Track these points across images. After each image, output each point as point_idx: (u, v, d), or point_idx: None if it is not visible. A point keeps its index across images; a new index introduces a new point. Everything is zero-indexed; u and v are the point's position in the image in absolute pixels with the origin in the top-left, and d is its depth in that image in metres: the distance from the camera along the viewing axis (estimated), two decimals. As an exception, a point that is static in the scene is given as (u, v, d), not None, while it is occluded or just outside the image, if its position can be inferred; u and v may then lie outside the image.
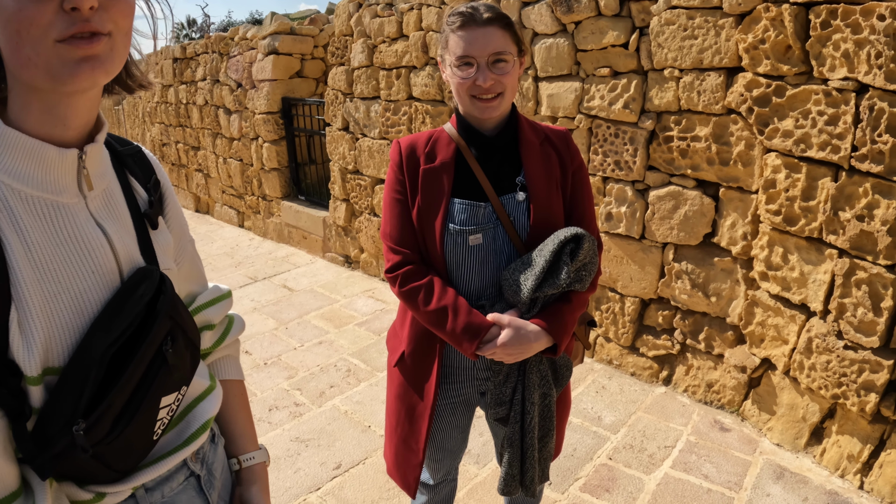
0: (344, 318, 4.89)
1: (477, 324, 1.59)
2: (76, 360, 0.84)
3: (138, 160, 1.08)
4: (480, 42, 1.53)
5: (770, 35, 2.74)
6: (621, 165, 3.53)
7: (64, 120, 0.86)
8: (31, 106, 0.84)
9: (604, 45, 3.42)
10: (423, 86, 4.69)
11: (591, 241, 1.59)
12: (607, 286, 3.85)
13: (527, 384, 1.68)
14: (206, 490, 1.12)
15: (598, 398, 3.55)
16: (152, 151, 9.82)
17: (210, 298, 1.22)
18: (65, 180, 0.88)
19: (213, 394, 1.12)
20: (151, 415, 0.92)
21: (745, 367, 3.23)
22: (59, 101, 0.84)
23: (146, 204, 1.04)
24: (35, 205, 0.85)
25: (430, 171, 1.66)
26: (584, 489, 2.80)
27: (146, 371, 0.89)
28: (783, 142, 2.80)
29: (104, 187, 0.96)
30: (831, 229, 2.68)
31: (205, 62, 7.95)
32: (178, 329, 0.95)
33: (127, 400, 0.87)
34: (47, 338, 0.82)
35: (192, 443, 1.05)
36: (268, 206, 7.39)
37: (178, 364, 0.95)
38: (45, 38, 0.77)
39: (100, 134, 0.94)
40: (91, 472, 0.90)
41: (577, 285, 1.60)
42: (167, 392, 0.94)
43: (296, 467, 3.02)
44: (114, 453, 0.88)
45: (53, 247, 0.86)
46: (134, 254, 0.97)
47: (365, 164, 5.50)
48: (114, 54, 0.83)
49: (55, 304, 0.84)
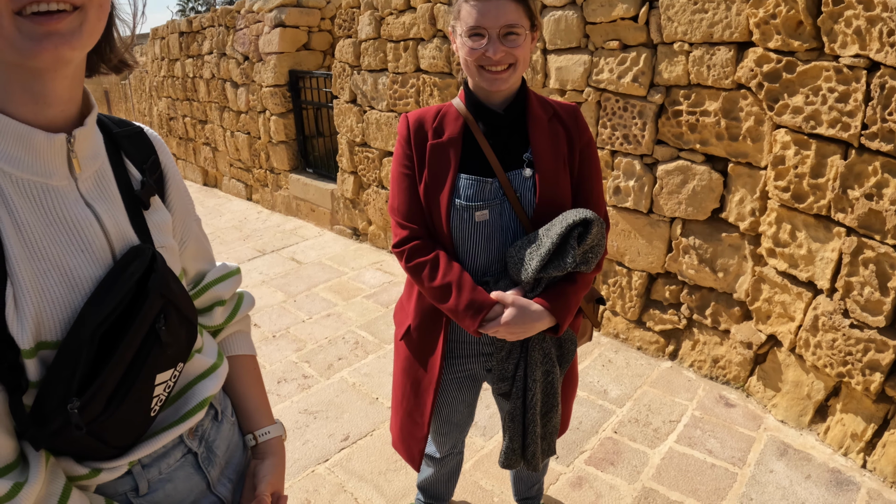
0: (352, 290, 4.92)
1: (480, 301, 1.60)
2: (69, 339, 0.85)
3: (136, 141, 1.08)
4: (493, 13, 1.52)
5: (781, 10, 2.71)
6: (630, 139, 3.52)
7: (42, 97, 0.85)
8: (11, 85, 0.83)
9: (613, 17, 3.39)
10: (431, 58, 4.66)
11: (600, 224, 1.58)
12: (615, 260, 3.85)
13: (529, 361, 1.70)
14: (205, 467, 1.12)
15: (605, 372, 3.57)
16: (159, 126, 9.83)
17: (219, 275, 1.23)
18: (53, 164, 0.89)
19: (216, 372, 1.13)
20: (147, 392, 0.93)
21: (751, 343, 3.24)
22: (32, 77, 0.83)
23: (139, 184, 1.04)
24: (25, 187, 0.86)
25: (438, 146, 1.66)
26: (588, 462, 2.83)
27: (139, 349, 0.90)
28: (793, 118, 2.78)
29: (95, 169, 0.96)
30: (840, 207, 2.67)
31: (211, 35, 7.91)
32: (170, 306, 0.95)
33: (120, 378, 0.88)
34: (38, 311, 0.84)
35: (187, 419, 1.05)
36: (276, 179, 7.40)
37: (172, 341, 0.96)
38: (5, 9, 0.75)
39: (89, 116, 0.93)
40: (89, 449, 0.91)
41: (583, 267, 1.60)
42: (162, 369, 0.95)
43: (304, 439, 3.06)
44: (110, 430, 0.90)
45: (43, 226, 0.87)
46: (127, 232, 0.97)
47: (373, 136, 5.49)
48: (83, 29, 0.81)
49: (45, 280, 0.85)
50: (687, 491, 2.65)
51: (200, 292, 1.20)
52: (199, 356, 1.11)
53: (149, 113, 10.41)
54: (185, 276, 1.19)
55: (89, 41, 0.84)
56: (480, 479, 2.75)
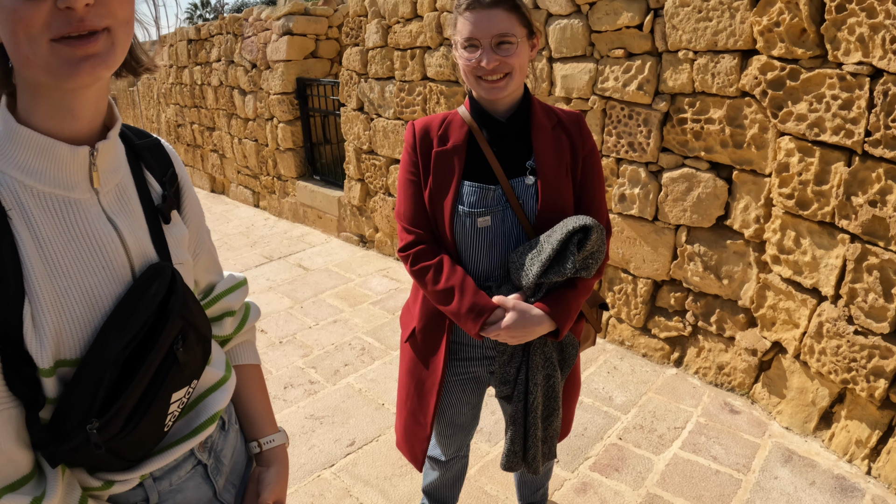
0: (358, 296, 4.94)
1: (482, 305, 1.62)
2: (90, 360, 0.85)
3: (155, 153, 1.08)
4: (484, 24, 1.54)
5: (785, 18, 2.73)
6: (635, 147, 3.53)
7: (72, 112, 0.86)
8: (38, 100, 0.84)
9: (618, 26, 3.41)
10: (438, 66, 4.69)
11: (600, 231, 1.60)
12: (620, 267, 3.87)
13: (530, 365, 1.72)
14: (213, 477, 1.13)
15: (610, 378, 3.58)
16: (167, 132, 9.89)
17: (229, 286, 1.25)
18: (76, 177, 0.89)
19: (225, 385, 1.14)
20: (162, 410, 0.93)
21: (755, 350, 3.25)
22: (63, 96, 0.84)
23: (160, 198, 1.04)
24: (46, 200, 0.86)
25: (443, 154, 1.69)
26: (593, 468, 2.84)
27: (157, 370, 0.90)
28: (797, 125, 2.79)
29: (117, 182, 0.97)
30: (844, 214, 2.68)
31: (219, 43, 7.96)
32: (189, 327, 0.96)
33: (139, 398, 0.88)
34: (58, 331, 0.84)
35: (200, 433, 1.06)
36: (283, 186, 7.43)
37: (189, 361, 0.96)
38: (41, 37, 0.76)
39: (113, 129, 0.94)
40: (103, 462, 0.92)
41: (584, 273, 1.62)
42: (177, 388, 0.95)
43: (310, 444, 3.08)
44: (126, 446, 0.91)
45: (64, 243, 0.87)
46: (146, 248, 0.98)
47: (380, 144, 5.52)
48: (115, 48, 0.83)
49: (65, 298, 0.85)
50: (691, 497, 2.65)
51: (211, 303, 1.21)
52: (209, 368, 1.11)
53: (157, 120, 10.48)
54: (196, 287, 1.20)
55: (121, 57, 0.86)
56: (485, 484, 2.76)
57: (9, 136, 0.84)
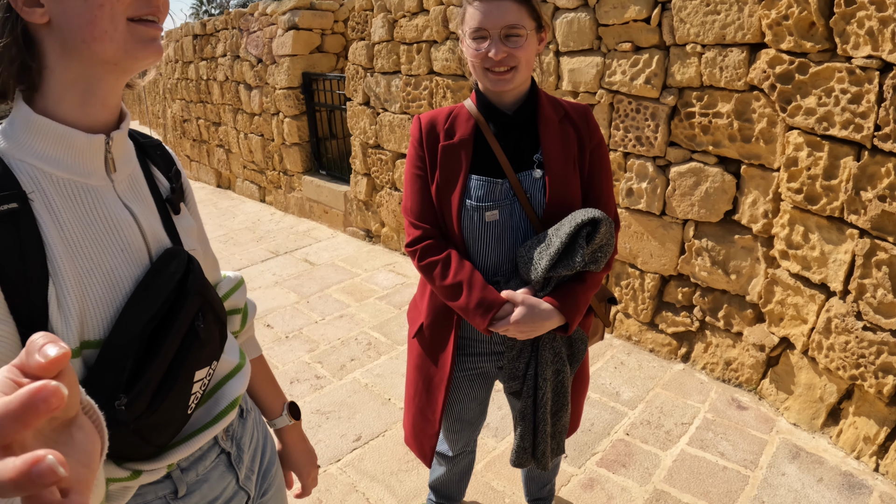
0: (365, 291, 4.94)
1: (490, 300, 1.61)
2: (114, 337, 0.87)
3: (160, 151, 1.13)
4: (494, 14, 1.53)
5: (793, 11, 2.71)
6: (642, 141, 3.52)
7: (103, 99, 0.90)
8: (72, 89, 0.87)
9: (625, 19, 3.39)
10: (444, 60, 4.67)
11: (609, 223, 1.59)
12: (627, 262, 3.85)
13: (540, 360, 1.71)
14: (236, 465, 1.17)
15: (617, 374, 3.57)
16: (173, 128, 9.92)
17: (232, 286, 1.29)
18: (93, 164, 0.92)
19: (241, 371, 1.17)
20: (186, 388, 0.95)
21: (763, 345, 3.23)
22: (102, 78, 0.88)
23: (168, 191, 1.08)
24: (66, 187, 0.89)
25: (449, 148, 1.68)
26: (600, 464, 2.84)
27: (180, 346, 0.93)
28: (805, 119, 2.77)
29: (129, 172, 1.00)
30: (853, 209, 2.66)
31: (225, 38, 7.96)
32: (207, 306, 0.99)
33: (164, 374, 0.91)
34: (81, 311, 0.86)
35: (221, 419, 1.08)
36: (289, 180, 7.43)
37: (209, 339, 0.99)
38: (122, 15, 0.83)
39: (124, 122, 0.98)
40: (129, 447, 0.93)
41: (592, 266, 1.61)
42: (200, 366, 0.98)
43: (316, 439, 3.08)
44: (152, 427, 0.92)
45: (84, 226, 0.89)
46: (160, 234, 1.01)
47: (386, 138, 5.51)
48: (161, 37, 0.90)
49: (87, 279, 0.87)
50: (699, 493, 2.64)
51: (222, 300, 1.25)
52: (225, 356, 1.15)
53: (163, 115, 10.49)
54: None
55: None
56: (492, 479, 2.75)
57: (27, 126, 0.86)
